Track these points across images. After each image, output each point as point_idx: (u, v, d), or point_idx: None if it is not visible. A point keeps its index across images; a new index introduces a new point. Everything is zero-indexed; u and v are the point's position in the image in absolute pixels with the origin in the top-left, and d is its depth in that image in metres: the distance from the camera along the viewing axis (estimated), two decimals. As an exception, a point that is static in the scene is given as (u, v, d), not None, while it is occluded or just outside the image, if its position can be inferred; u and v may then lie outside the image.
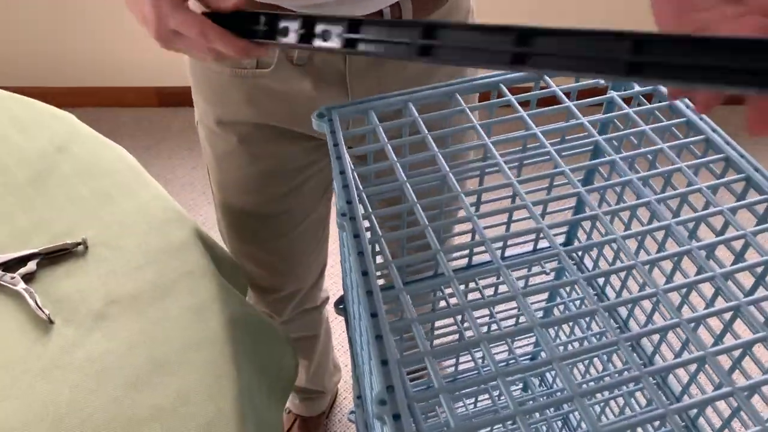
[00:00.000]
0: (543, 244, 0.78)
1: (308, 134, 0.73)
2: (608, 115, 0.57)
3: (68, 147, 0.80)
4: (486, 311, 0.80)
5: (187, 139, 2.01)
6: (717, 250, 0.49)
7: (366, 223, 0.48)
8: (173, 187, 1.85)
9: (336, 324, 1.47)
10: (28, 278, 0.65)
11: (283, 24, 0.48)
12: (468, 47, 0.38)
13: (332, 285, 1.50)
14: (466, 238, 0.65)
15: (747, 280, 0.51)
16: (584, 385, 0.80)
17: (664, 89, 0.57)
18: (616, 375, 0.73)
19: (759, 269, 0.48)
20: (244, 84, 0.68)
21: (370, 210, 0.48)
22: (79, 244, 0.68)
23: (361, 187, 0.50)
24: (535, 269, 0.78)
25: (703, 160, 0.51)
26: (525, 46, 0.35)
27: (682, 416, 0.63)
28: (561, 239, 0.80)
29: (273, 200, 0.78)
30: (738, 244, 0.49)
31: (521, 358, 0.86)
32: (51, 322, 0.62)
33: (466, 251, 0.71)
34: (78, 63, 2.01)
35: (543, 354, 0.88)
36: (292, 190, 0.78)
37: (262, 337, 0.67)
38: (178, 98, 2.06)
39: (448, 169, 0.51)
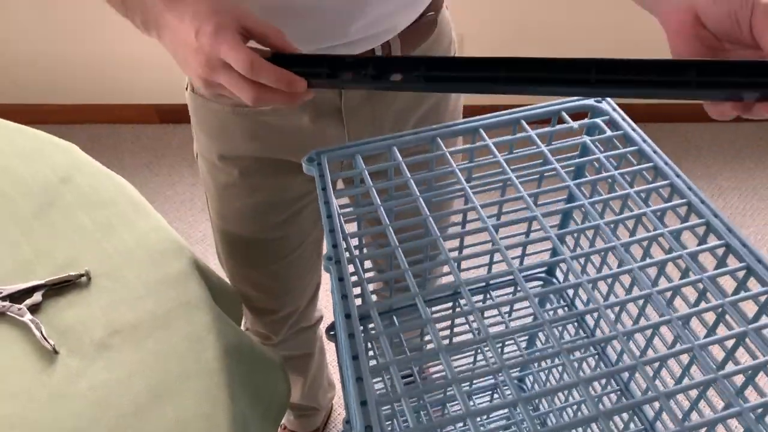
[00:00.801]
0: (528, 262, 0.81)
1: None
2: (581, 160, 0.61)
3: (71, 178, 0.83)
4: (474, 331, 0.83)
5: (186, 155, 2.04)
6: (683, 288, 0.53)
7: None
8: (173, 203, 1.89)
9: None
10: (33, 309, 0.69)
11: (344, 65, 0.51)
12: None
13: (326, 304, 1.52)
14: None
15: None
16: (567, 410, 0.83)
17: (633, 134, 0.60)
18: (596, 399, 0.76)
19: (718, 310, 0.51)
20: (245, 120, 0.72)
21: (355, 254, 0.52)
22: (82, 275, 0.71)
23: (347, 231, 0.53)
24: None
25: (667, 205, 0.55)
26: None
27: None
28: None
29: (271, 228, 0.82)
30: (700, 285, 0.52)
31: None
32: (56, 352, 0.65)
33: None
34: (79, 80, 2.05)
35: (529, 378, 0.91)
36: (290, 217, 0.82)
37: (256, 365, 0.70)
38: (177, 115, 2.10)
39: (428, 212, 0.54)
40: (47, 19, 1.88)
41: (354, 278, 0.50)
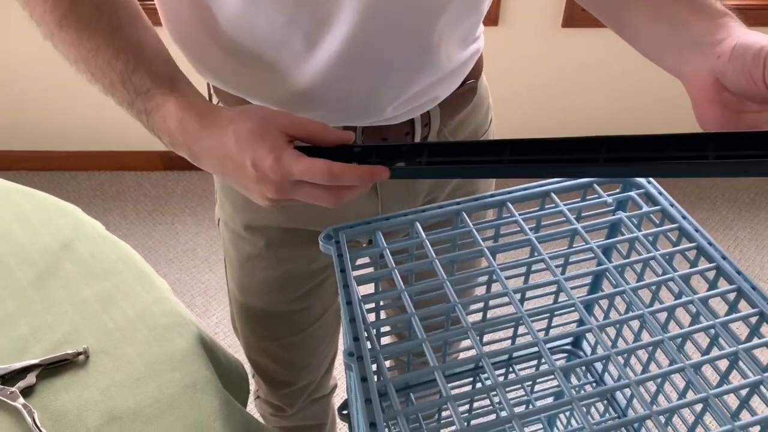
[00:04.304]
0: (553, 332, 0.77)
1: None
2: (618, 239, 0.57)
3: (72, 244, 0.80)
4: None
5: (190, 203, 2.02)
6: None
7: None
8: (176, 252, 1.85)
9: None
10: (27, 392, 0.64)
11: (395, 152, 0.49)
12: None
13: (340, 371, 1.47)
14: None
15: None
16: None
17: (673, 210, 0.57)
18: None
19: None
20: None
21: (378, 348, 0.47)
22: (80, 353, 0.67)
23: (369, 321, 0.49)
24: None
25: (716, 291, 0.51)
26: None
27: None
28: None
29: (294, 299, 0.78)
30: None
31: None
32: (49, 442, 0.60)
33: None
34: (84, 127, 2.04)
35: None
36: (313, 288, 0.78)
37: (265, 453, 0.66)
38: (182, 162, 2.06)
39: (456, 299, 0.50)
40: (53, 66, 1.87)
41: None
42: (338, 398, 1.45)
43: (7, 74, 1.91)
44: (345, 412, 0.74)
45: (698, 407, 0.55)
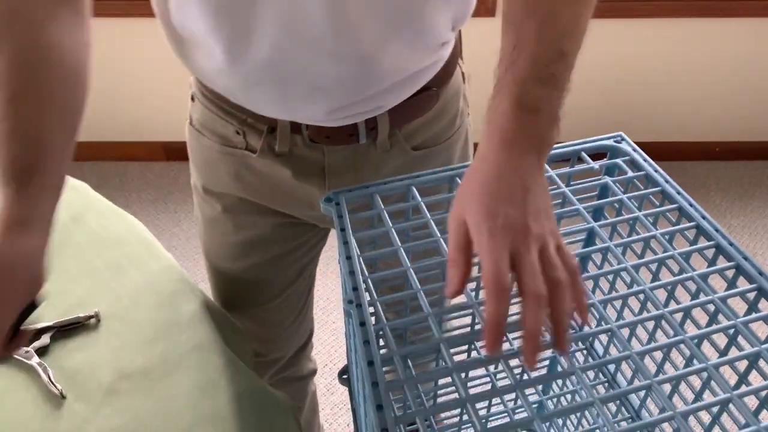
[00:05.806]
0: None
1: (288, 214, 0.77)
2: (603, 201, 0.60)
3: (83, 217, 0.83)
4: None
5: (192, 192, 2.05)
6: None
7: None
8: (179, 240, 1.88)
9: (325, 398, 1.47)
10: (41, 352, 0.67)
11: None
12: None
13: (320, 357, 1.51)
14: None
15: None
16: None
17: (656, 175, 0.60)
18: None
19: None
20: (232, 161, 0.71)
21: (376, 297, 0.50)
22: (91, 317, 0.70)
23: (367, 273, 0.52)
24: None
25: (694, 247, 0.53)
26: None
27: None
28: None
29: (253, 267, 0.81)
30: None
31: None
32: (63, 397, 0.63)
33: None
34: (88, 118, 2.06)
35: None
36: (273, 259, 0.80)
37: (268, 410, 0.68)
38: (184, 153, 2.09)
39: (446, 249, 0.53)
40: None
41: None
42: (323, 385, 1.49)
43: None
44: (345, 376, 0.77)
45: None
